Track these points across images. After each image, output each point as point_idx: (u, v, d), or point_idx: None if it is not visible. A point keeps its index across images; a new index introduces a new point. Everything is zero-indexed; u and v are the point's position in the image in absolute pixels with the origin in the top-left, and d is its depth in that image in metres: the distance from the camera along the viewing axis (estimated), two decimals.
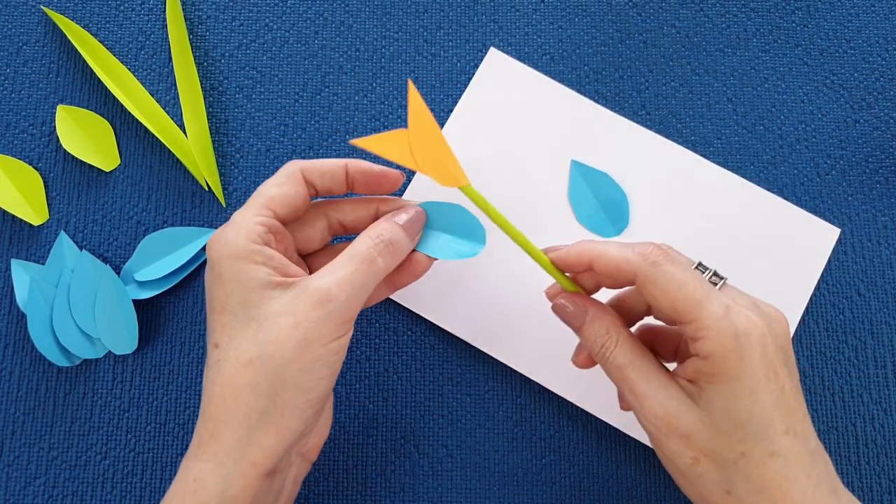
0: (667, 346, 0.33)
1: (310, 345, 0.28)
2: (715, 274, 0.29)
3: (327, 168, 0.32)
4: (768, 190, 0.42)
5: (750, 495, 0.27)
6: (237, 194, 0.42)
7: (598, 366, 0.32)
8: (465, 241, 0.33)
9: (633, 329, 0.33)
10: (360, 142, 0.28)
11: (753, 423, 0.27)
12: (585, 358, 0.33)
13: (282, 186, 0.31)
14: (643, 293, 0.29)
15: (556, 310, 0.32)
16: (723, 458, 0.27)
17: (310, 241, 0.34)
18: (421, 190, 0.41)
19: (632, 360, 0.29)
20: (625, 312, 0.33)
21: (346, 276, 0.29)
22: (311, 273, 0.33)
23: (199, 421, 0.29)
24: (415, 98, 0.27)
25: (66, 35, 0.43)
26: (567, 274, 0.32)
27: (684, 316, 0.27)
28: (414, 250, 0.33)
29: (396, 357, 0.40)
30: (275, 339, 0.28)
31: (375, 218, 0.33)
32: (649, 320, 0.34)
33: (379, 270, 0.30)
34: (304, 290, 0.28)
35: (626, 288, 0.33)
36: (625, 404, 0.34)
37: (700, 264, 0.30)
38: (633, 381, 0.29)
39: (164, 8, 0.44)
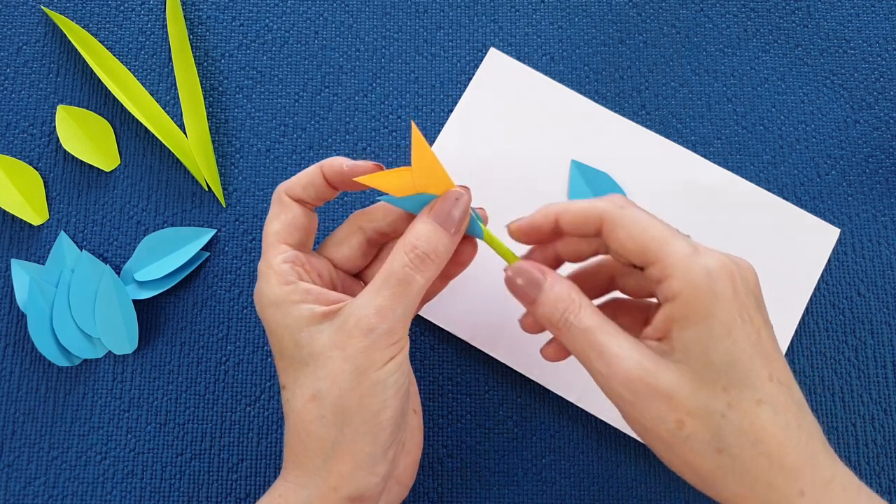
0: (633, 320, 0.31)
1: (363, 373, 0.28)
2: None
3: (306, 180, 0.31)
4: (768, 190, 0.42)
5: (743, 450, 0.25)
6: (237, 194, 0.42)
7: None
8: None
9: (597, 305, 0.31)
10: (363, 180, 0.28)
11: (735, 368, 0.25)
12: (557, 346, 0.31)
13: (278, 217, 0.31)
14: (609, 241, 0.28)
15: (508, 283, 0.30)
16: (709, 413, 0.25)
17: (352, 259, 0.32)
18: None
19: (598, 323, 0.27)
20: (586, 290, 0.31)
21: (384, 302, 0.28)
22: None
23: (284, 449, 0.30)
24: (417, 137, 0.28)
25: (66, 35, 0.43)
26: (519, 256, 0.31)
27: (651, 256, 0.26)
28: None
29: None
30: (330, 373, 0.28)
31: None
32: (613, 296, 0.33)
33: (419, 287, 0.28)
34: (347, 320, 0.28)
35: (587, 262, 0.32)
36: (553, 350, 0.31)
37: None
38: (602, 344, 0.26)
39: (164, 8, 0.44)
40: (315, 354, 0.28)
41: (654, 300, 0.32)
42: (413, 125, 0.27)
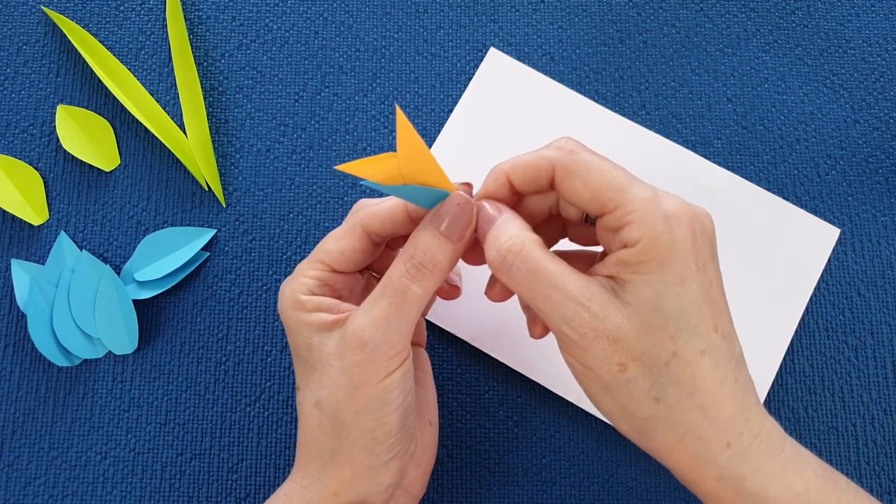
0: (581, 266, 0.30)
1: (358, 388, 0.27)
2: None
3: (386, 214, 0.29)
4: (768, 190, 0.42)
5: (680, 401, 0.25)
6: (237, 194, 0.42)
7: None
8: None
9: None
10: (346, 167, 0.26)
11: (685, 317, 0.25)
12: (501, 287, 0.30)
13: (340, 241, 0.30)
14: (563, 191, 0.27)
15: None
16: (653, 360, 0.25)
17: (360, 263, 0.31)
18: None
19: (544, 261, 0.26)
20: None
21: (379, 314, 0.27)
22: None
23: (297, 447, 0.31)
24: (403, 122, 0.26)
25: (66, 35, 0.43)
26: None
27: (608, 203, 0.25)
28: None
29: None
30: (330, 382, 0.28)
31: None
32: (559, 247, 0.32)
33: (417, 298, 0.27)
34: (346, 331, 0.28)
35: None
36: (537, 329, 0.30)
37: None
38: (546, 289, 0.25)
39: (164, 8, 0.44)
40: (322, 360, 0.28)
41: (600, 249, 0.31)
42: (398, 110, 0.26)
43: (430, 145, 0.42)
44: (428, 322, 0.40)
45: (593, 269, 0.27)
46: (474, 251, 0.31)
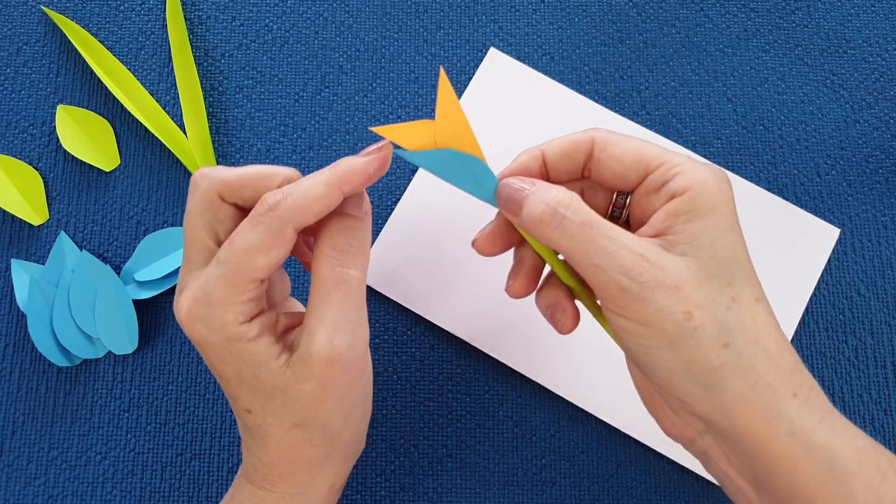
0: None
1: (342, 398, 0.27)
2: None
3: (321, 206, 0.26)
4: (768, 190, 0.42)
5: (748, 346, 0.24)
6: None
7: (566, 336, 0.29)
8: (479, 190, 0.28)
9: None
10: (381, 130, 0.26)
11: (738, 264, 0.25)
12: (524, 277, 0.29)
13: (269, 252, 0.26)
14: (602, 161, 0.27)
15: (498, 196, 0.27)
16: (715, 306, 0.24)
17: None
18: (420, 193, 0.41)
19: (596, 218, 0.25)
20: None
21: (337, 316, 0.26)
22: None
23: (258, 461, 0.29)
24: (445, 88, 0.25)
25: (66, 35, 0.43)
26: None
27: (653, 161, 0.26)
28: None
29: (396, 357, 0.40)
30: (307, 405, 0.27)
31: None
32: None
33: (358, 282, 0.27)
34: (310, 355, 0.26)
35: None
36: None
37: None
38: (601, 236, 0.25)
39: (164, 8, 0.44)
40: (282, 388, 0.27)
41: None
42: (442, 71, 0.25)
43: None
44: (428, 322, 0.40)
45: (637, 232, 0.26)
46: (494, 238, 0.29)
